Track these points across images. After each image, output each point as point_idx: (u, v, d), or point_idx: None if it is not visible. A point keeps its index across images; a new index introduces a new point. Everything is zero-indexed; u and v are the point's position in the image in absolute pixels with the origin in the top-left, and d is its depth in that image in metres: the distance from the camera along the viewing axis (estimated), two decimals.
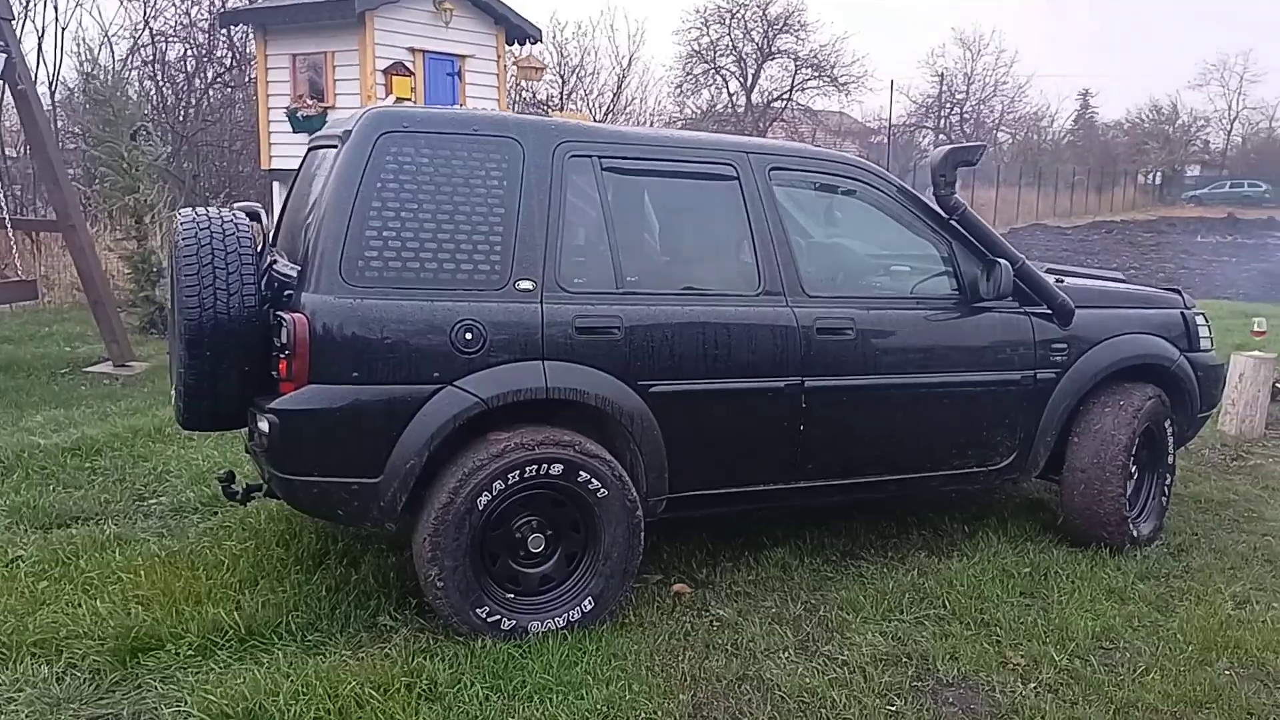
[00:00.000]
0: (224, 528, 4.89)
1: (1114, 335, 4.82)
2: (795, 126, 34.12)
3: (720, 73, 33.93)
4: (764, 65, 33.35)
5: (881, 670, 3.68)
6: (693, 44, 33.27)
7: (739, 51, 33.21)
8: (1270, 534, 5.24)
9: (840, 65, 33.52)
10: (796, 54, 33.06)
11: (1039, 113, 59.58)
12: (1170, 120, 65.03)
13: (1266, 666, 3.77)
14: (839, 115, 42.84)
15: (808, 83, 33.85)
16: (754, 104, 33.74)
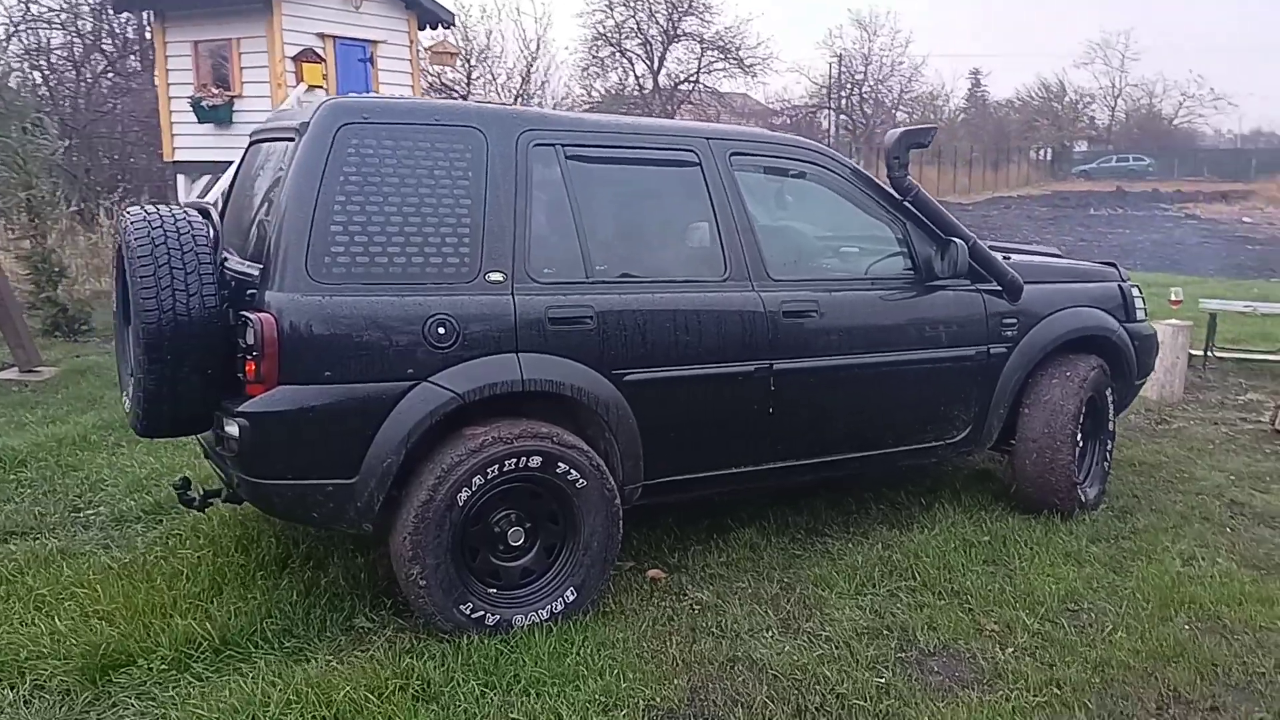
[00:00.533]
0: (174, 536, 4.72)
1: (1059, 309, 4.98)
2: (703, 109, 34.27)
3: (626, 55, 33.90)
4: (670, 48, 33.39)
5: (865, 644, 3.75)
6: (597, 26, 33.19)
7: (644, 34, 33.18)
8: (1203, 493, 5.49)
9: (745, 47, 33.79)
10: (702, 36, 33.21)
11: (934, 92, 60.98)
12: (1058, 98, 67.34)
13: (1222, 619, 3.96)
14: (742, 97, 43.16)
15: (714, 65, 34.03)
16: (661, 87, 33.75)
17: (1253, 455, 6.25)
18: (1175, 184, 45.51)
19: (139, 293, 3.50)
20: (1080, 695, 3.40)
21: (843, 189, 4.62)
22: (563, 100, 29.60)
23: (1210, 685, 3.49)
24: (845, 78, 53.62)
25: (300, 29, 11.57)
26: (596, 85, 33.97)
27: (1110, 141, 65.97)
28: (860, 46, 52.22)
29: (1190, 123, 70.25)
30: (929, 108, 60.85)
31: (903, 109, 57.29)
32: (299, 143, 3.68)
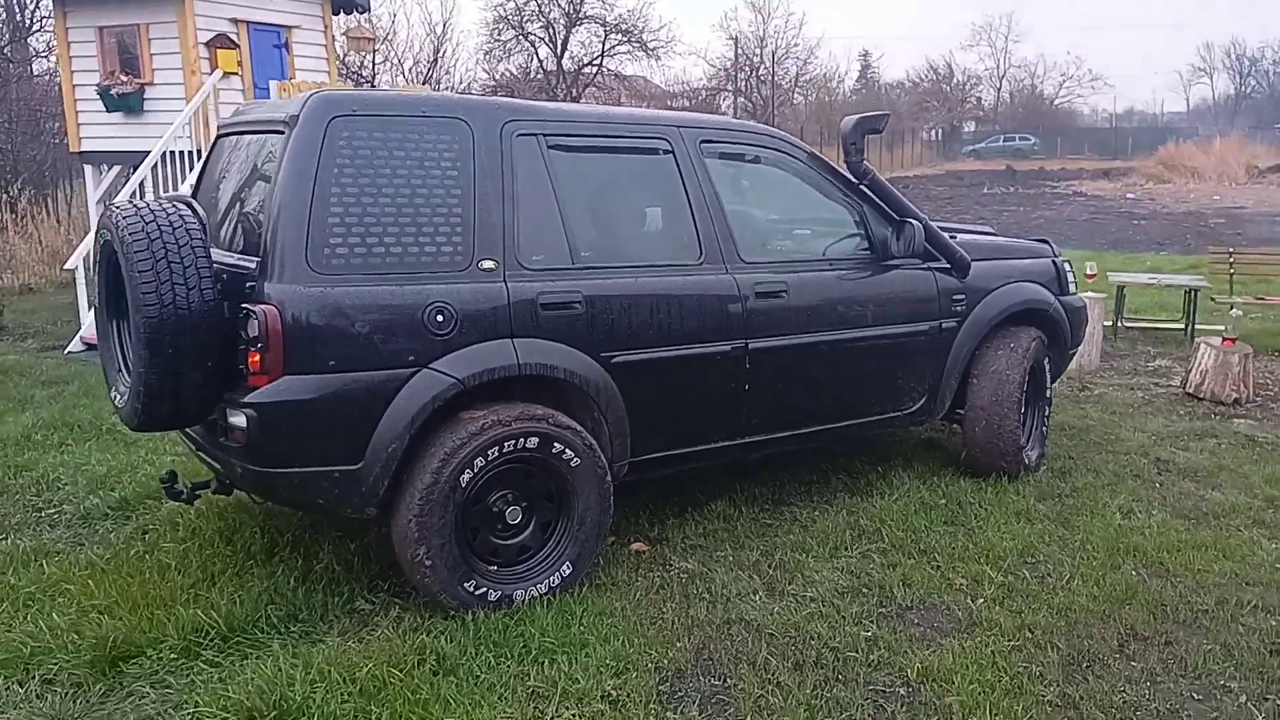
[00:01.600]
0: (150, 531, 4.72)
1: (1002, 284, 5.30)
2: (609, 92, 34.34)
3: (529, 38, 33.71)
4: (573, 31, 33.33)
5: (848, 602, 3.99)
6: (499, 9, 32.93)
7: (546, 17, 33.04)
8: (1130, 453, 5.90)
9: (648, 30, 33.94)
10: (604, 20, 33.23)
11: (828, 74, 62.16)
12: (946, 80, 69.31)
13: (1165, 565, 4.31)
14: (643, 80, 43.30)
15: (617, 48, 34.11)
16: (565, 70, 33.68)
17: (1169, 417, 6.72)
18: (1060, 162, 47.35)
19: (139, 287, 3.52)
20: (1050, 637, 3.70)
21: (803, 173, 4.85)
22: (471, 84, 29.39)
23: (1162, 623, 3.82)
24: (742, 60, 54.17)
25: (213, 14, 11.30)
26: (501, 68, 33.76)
27: (996, 121, 68.13)
28: (755, 29, 52.86)
29: (1070, 102, 73.15)
30: (824, 89, 62.08)
31: (799, 90, 58.27)
32: (290, 135, 3.72)
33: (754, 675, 3.46)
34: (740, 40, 52.65)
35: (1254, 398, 7.04)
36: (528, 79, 31.66)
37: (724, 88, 53.47)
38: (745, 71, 54.16)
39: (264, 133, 4.09)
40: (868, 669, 3.52)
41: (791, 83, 57.56)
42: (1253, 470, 5.56)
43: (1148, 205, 27.32)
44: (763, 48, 54.77)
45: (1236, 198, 28.64)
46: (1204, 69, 72.42)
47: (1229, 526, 4.76)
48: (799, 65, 56.51)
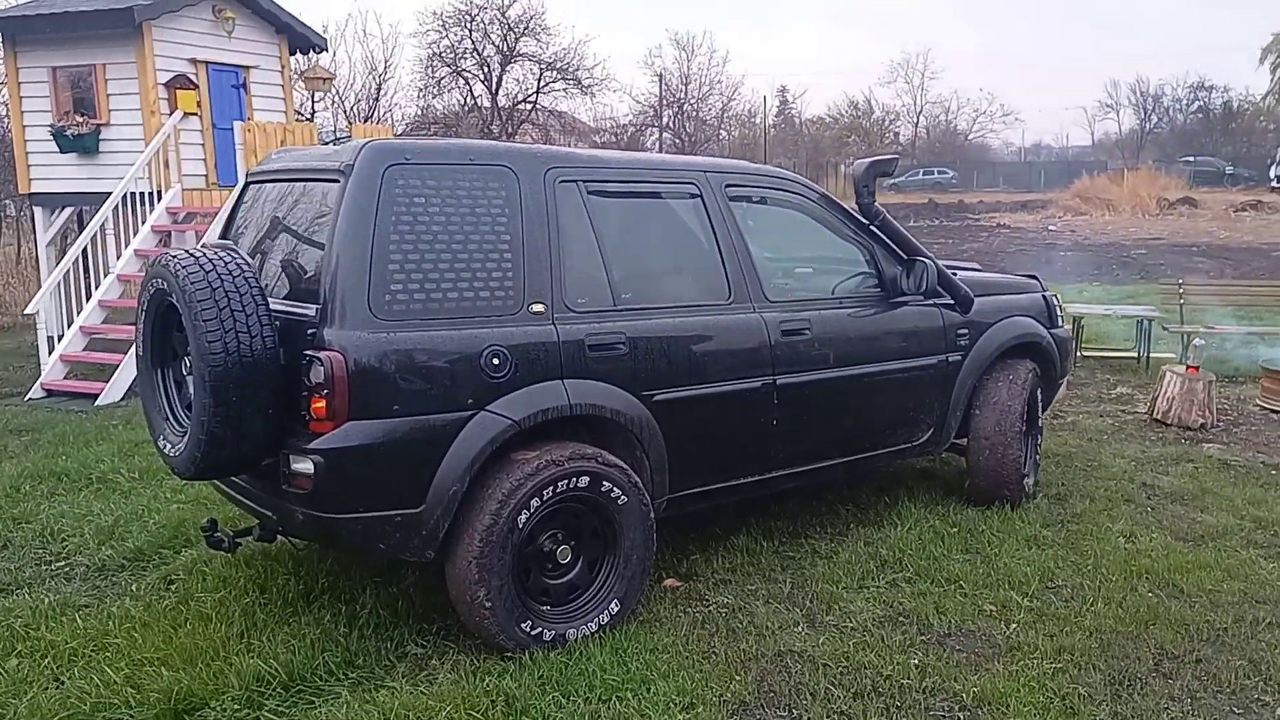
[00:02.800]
0: (175, 581, 4.67)
1: (1000, 319, 5.53)
2: (546, 130, 34.52)
3: (463, 75, 33.77)
4: (507, 68, 33.50)
5: (889, 631, 4.13)
6: (432, 47, 32.96)
7: (481, 55, 33.16)
8: (1115, 478, 6.16)
9: (583, 68, 34.27)
10: (539, 57, 33.48)
11: (752, 110, 63.33)
12: (866, 115, 71.07)
13: (1178, 585, 4.53)
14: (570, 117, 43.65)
15: (552, 85, 34.34)
16: (500, 106, 33.79)
17: (1142, 443, 7.02)
18: (978, 195, 48.68)
19: (204, 336, 3.53)
20: (1089, 659, 3.87)
21: (817, 215, 5.03)
22: (412, 122, 29.35)
23: (1189, 643, 4.02)
24: (668, 96, 54.85)
25: (172, 54, 11.18)
26: (436, 104, 33.77)
27: (914, 156, 70.04)
28: (680, 65, 53.58)
29: (983, 137, 75.48)
30: (747, 125, 63.23)
31: (725, 126, 59.21)
32: (346, 184, 3.77)
33: (818, 706, 3.57)
34: (665, 77, 53.36)
35: (1217, 422, 7.40)
36: (463, 117, 31.66)
37: (651, 124, 54.06)
38: (672, 108, 54.88)
39: (310, 180, 4.14)
40: (924, 695, 3.65)
41: (718, 118, 58.53)
42: (1234, 493, 5.85)
43: (1069, 237, 28.32)
44: (687, 84, 55.56)
45: (1151, 229, 29.84)
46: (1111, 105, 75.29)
47: (1226, 547, 5.01)
48: (724, 101, 57.47)
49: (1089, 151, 74.62)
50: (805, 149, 62.90)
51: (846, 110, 71.86)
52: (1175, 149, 62.05)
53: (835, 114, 71.86)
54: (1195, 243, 25.24)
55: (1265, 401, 7.89)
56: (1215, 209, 35.88)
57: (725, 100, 58.45)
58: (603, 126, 48.89)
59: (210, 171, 11.83)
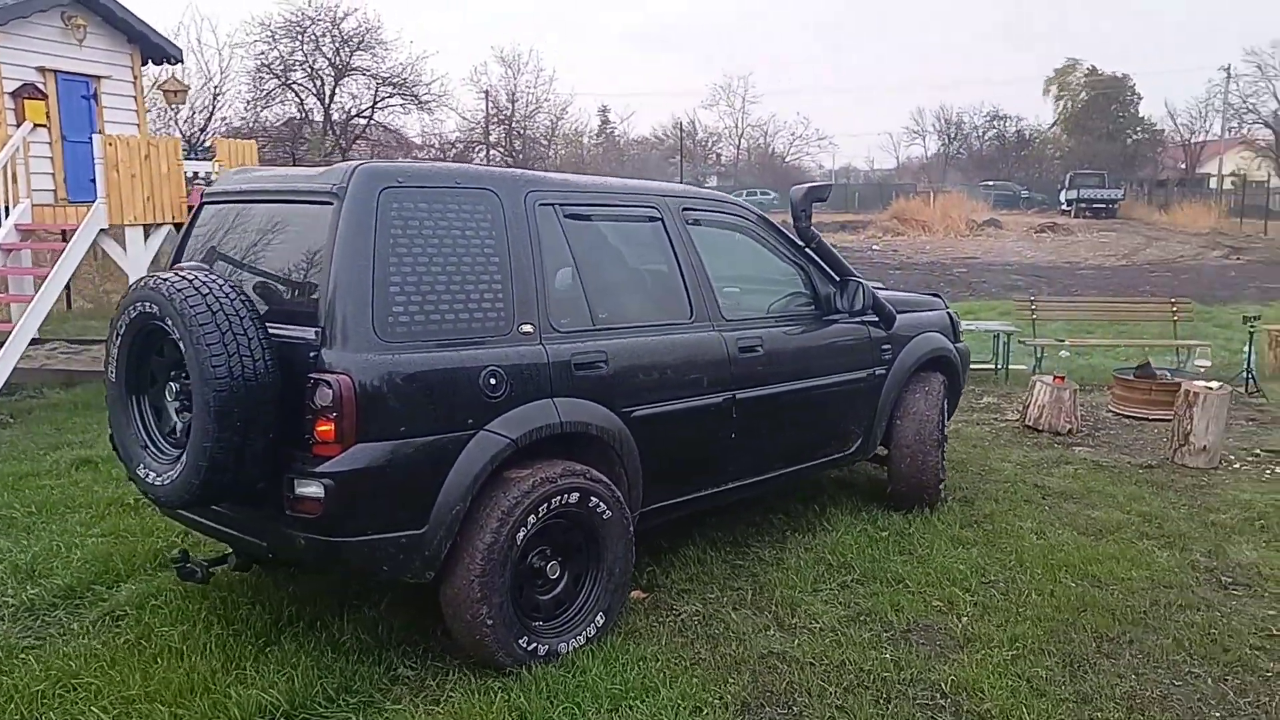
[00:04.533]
0: (124, 617, 4.46)
1: (917, 334, 5.93)
2: (384, 146, 33.85)
3: (293, 88, 32.73)
4: (341, 82, 32.68)
5: (856, 629, 4.39)
6: (260, 58, 31.82)
7: (312, 67, 32.26)
8: (1008, 480, 6.68)
9: (421, 84, 33.81)
10: (375, 72, 32.83)
11: (579, 129, 63.96)
12: (690, 136, 72.95)
13: (1094, 575, 5.00)
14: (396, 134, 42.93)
15: (389, 100, 33.74)
16: (334, 120, 32.94)
17: (1022, 448, 7.62)
18: None
19: (208, 361, 3.46)
20: (1040, 645, 4.24)
21: (760, 237, 5.29)
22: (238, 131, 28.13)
23: (1120, 626, 4.45)
24: (494, 114, 54.58)
25: (19, 63, 10.49)
26: (265, 117, 32.61)
27: (735, 177, 72.26)
28: (506, 84, 53.49)
29: (799, 159, 78.69)
30: (575, 144, 63.79)
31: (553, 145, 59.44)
32: (342, 207, 3.75)
33: (815, 702, 3.79)
34: (492, 94, 53.03)
35: (1080, 428, 8.10)
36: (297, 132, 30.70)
37: (478, 140, 53.70)
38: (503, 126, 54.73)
39: (290, 202, 4.08)
40: (905, 686, 3.92)
41: (549, 136, 58.80)
42: (1115, 490, 6.46)
43: (893, 256, 29.97)
44: (514, 101, 55.54)
45: (965, 249, 31.91)
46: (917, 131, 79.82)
47: (1123, 540, 5.54)
48: (552, 119, 57.76)
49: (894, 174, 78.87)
50: (631, 168, 63.94)
51: (672, 131, 73.69)
52: (975, 173, 66.40)
53: (661, 134, 73.56)
54: (1007, 261, 27.18)
55: (1116, 407, 8.68)
56: (1018, 230, 38.69)
57: (554, 118, 58.78)
58: (429, 143, 48.26)
59: (59, 187, 11.15)
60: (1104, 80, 68.37)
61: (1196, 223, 42.15)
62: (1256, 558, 5.30)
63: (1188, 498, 6.36)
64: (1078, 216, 46.63)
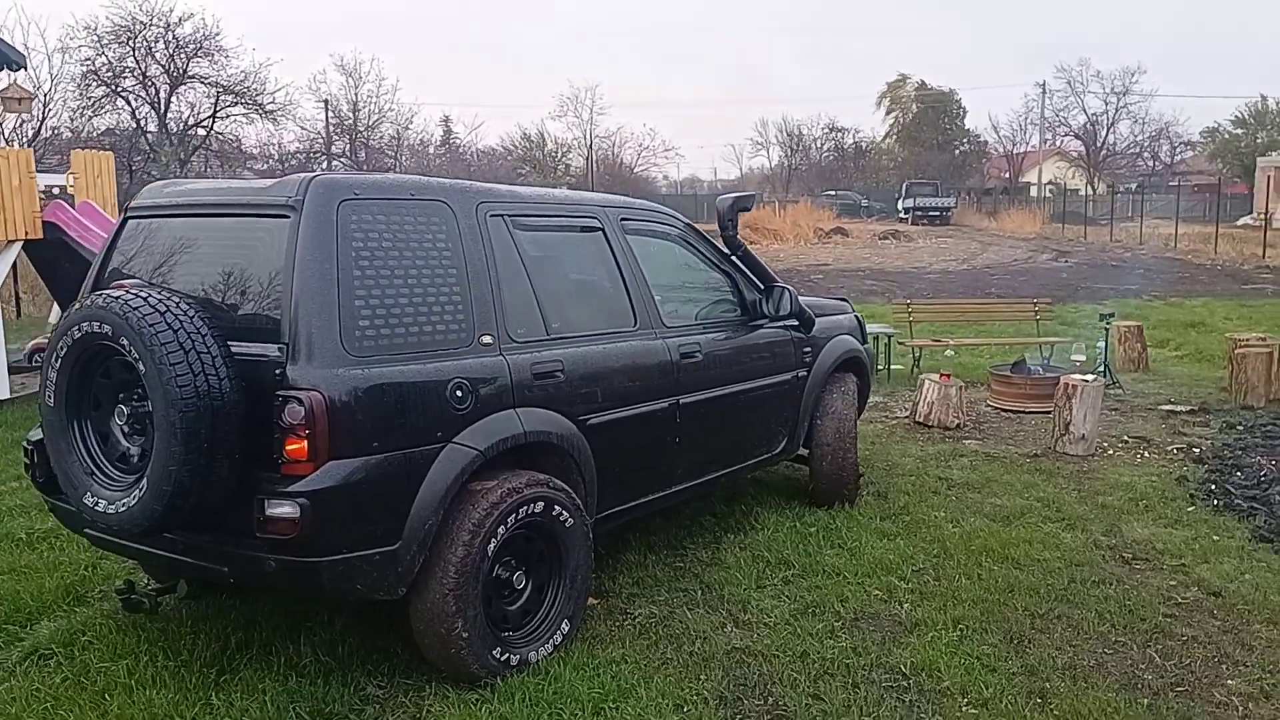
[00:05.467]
0: (52, 655, 4.21)
1: (832, 337, 6.16)
2: (225, 157, 32.55)
3: (124, 96, 31.13)
4: (177, 90, 31.26)
5: (809, 621, 4.54)
6: (87, 65, 30.11)
7: (144, 74, 30.73)
8: (911, 474, 7.00)
9: (265, 92, 32.66)
10: (215, 80, 31.54)
11: (424, 139, 63.21)
12: (540, 147, 72.93)
13: (1012, 558, 5.30)
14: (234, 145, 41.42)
15: (231, 109, 32.46)
16: (170, 130, 31.48)
17: (916, 443, 7.98)
18: None
19: (173, 380, 3.33)
20: (980, 625, 4.49)
21: (690, 246, 5.41)
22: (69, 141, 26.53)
23: (1046, 603, 4.75)
24: (337, 123, 53.26)
25: None
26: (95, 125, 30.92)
27: (588, 187, 72.59)
28: (347, 93, 52.24)
29: (646, 170, 79.71)
30: (420, 154, 62.85)
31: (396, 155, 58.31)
32: (300, 219, 3.67)
33: (790, 692, 3.91)
34: (332, 103, 51.59)
35: (966, 422, 8.54)
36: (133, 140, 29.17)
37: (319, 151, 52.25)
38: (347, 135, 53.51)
39: (235, 215, 3.96)
40: (869, 670, 4.09)
41: (396, 146, 57.82)
42: (1011, 479, 6.85)
43: None
44: (356, 111, 54.36)
45: (817, 256, 32.97)
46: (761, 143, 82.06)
47: (1030, 524, 5.90)
48: (397, 129, 56.82)
49: (738, 185, 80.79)
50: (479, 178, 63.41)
51: (520, 142, 73.50)
52: (817, 184, 68.75)
53: (509, 145, 73.24)
54: (858, 267, 28.22)
55: (994, 402, 9.20)
56: (863, 237, 40.24)
57: (399, 129, 57.82)
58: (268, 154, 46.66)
59: None
60: (932, 95, 71.95)
61: (1023, 228, 44.87)
62: (1149, 534, 5.74)
63: (1075, 483, 6.81)
64: (915, 224, 48.94)
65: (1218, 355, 11.64)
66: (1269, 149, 51.40)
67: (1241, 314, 15.65)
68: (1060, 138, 67.08)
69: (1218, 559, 5.31)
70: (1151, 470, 7.11)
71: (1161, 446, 7.78)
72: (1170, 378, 10.65)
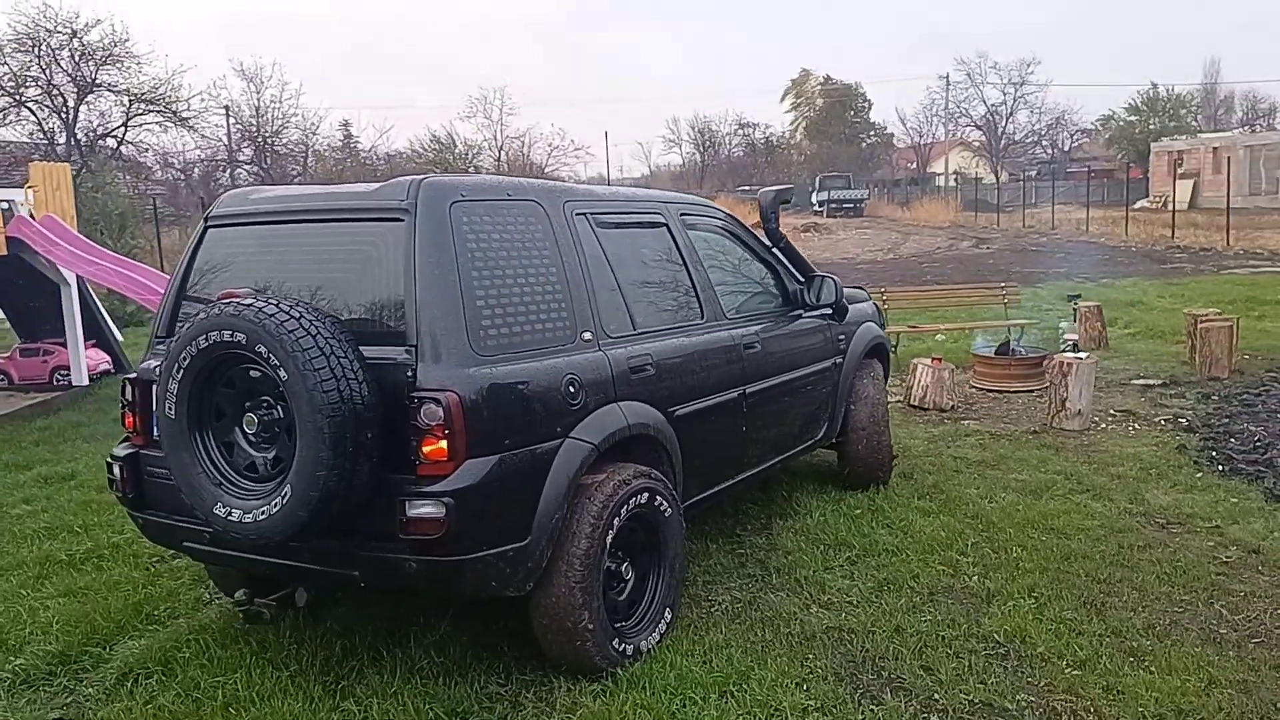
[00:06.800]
0: (146, 674, 4.15)
1: (860, 324, 6.34)
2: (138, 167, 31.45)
3: (28, 105, 29.89)
4: (86, 99, 30.12)
5: (889, 598, 4.69)
6: None
7: (50, 83, 29.56)
8: (926, 455, 7.23)
9: (180, 99, 31.65)
10: (127, 88, 30.44)
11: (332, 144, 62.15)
12: (450, 149, 72.25)
13: (1058, 529, 5.52)
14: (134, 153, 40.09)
15: (144, 117, 31.37)
16: (80, 141, 30.32)
17: (919, 425, 8.22)
18: None
19: (318, 388, 3.33)
20: (1053, 592, 4.68)
21: (740, 240, 5.53)
22: None
23: (1105, 568, 4.97)
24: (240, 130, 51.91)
25: None
26: None
27: None
28: (249, 98, 50.99)
29: (556, 169, 79.58)
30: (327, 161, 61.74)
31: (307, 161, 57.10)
32: (415, 223, 3.69)
33: (899, 665, 4.06)
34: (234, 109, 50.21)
35: (958, 404, 8.83)
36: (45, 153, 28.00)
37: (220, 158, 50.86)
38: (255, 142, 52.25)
39: (339, 220, 3.96)
40: (964, 640, 4.26)
41: (302, 152, 56.70)
42: (1023, 455, 7.13)
43: None
44: (260, 117, 53.09)
45: None
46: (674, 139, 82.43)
47: (1058, 496, 6.16)
48: (304, 134, 55.66)
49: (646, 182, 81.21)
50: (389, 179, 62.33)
51: (430, 145, 72.72)
52: (729, 180, 69.49)
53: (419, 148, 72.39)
54: None
55: (978, 383, 9.52)
56: (786, 230, 40.40)
57: (306, 134, 56.67)
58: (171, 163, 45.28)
59: None
60: (837, 89, 73.35)
61: (937, 218, 45.99)
62: (1172, 500, 6.05)
63: (1084, 456, 7.12)
64: (830, 216, 49.81)
65: (1168, 331, 12.24)
66: (1161, 135, 53.73)
67: (1173, 292, 16.41)
68: (962, 128, 69.07)
69: (1245, 520, 5.63)
70: (1148, 441, 7.47)
71: (1148, 419, 8.18)
72: (1131, 354, 11.14)
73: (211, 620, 4.64)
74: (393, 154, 71.09)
